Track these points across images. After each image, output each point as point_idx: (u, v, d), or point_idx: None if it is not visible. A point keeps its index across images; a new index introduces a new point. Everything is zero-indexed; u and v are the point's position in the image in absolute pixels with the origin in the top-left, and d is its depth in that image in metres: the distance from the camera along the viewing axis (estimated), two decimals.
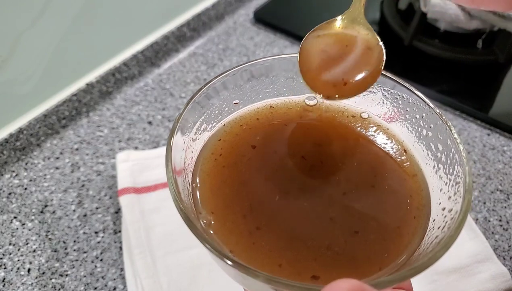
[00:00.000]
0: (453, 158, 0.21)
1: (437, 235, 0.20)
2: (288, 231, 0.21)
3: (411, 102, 0.24)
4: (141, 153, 0.45)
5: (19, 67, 0.45)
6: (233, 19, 0.65)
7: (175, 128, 0.21)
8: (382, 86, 0.25)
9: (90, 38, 0.51)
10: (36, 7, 0.44)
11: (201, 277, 0.37)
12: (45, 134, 0.49)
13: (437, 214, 0.21)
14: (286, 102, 0.27)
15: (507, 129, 0.49)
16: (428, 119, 0.24)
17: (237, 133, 0.25)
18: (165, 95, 0.54)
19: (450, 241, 0.18)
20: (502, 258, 0.39)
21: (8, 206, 0.43)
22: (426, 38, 0.57)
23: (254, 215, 0.21)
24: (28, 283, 0.38)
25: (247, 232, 0.21)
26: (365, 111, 0.26)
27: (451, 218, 0.19)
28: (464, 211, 0.19)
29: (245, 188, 0.23)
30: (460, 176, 0.20)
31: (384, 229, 0.21)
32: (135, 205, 0.41)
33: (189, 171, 0.23)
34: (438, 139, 0.23)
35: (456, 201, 0.20)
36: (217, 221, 0.21)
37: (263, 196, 0.22)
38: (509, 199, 0.43)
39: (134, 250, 0.38)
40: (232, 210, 0.22)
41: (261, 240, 0.20)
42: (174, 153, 0.21)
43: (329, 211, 0.22)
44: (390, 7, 0.62)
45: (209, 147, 0.24)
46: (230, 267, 0.17)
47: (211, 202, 0.22)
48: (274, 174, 0.23)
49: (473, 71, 0.56)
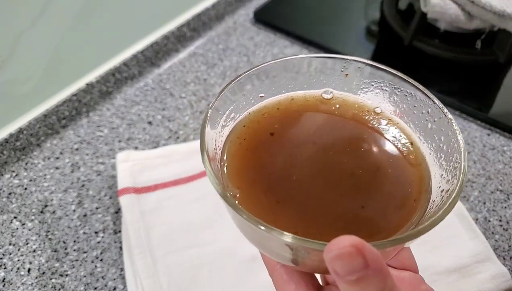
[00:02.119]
0: (453, 146, 0.24)
1: (435, 211, 0.22)
2: (303, 205, 0.24)
3: (418, 98, 0.27)
4: (141, 153, 0.45)
5: (19, 67, 0.45)
6: (233, 19, 0.65)
7: (207, 117, 0.24)
8: (393, 85, 0.28)
9: (90, 38, 0.51)
10: (36, 7, 0.44)
11: (201, 277, 0.37)
12: (45, 134, 0.49)
13: (437, 195, 0.24)
14: (306, 95, 0.30)
15: (507, 129, 0.49)
16: (432, 113, 0.26)
17: (259, 121, 0.28)
18: (165, 95, 0.54)
19: (444, 213, 0.20)
20: (502, 258, 0.39)
21: (8, 206, 0.43)
22: (426, 38, 0.57)
23: (273, 191, 0.24)
24: (28, 283, 0.38)
25: (268, 205, 0.23)
26: (378, 106, 0.29)
27: (447, 196, 0.22)
28: (458, 189, 0.22)
29: (265, 169, 0.26)
30: (458, 161, 0.23)
31: (387, 207, 0.24)
32: (135, 205, 0.41)
33: (218, 151, 0.26)
34: (441, 132, 0.25)
35: (453, 182, 0.23)
36: (242, 195, 0.24)
37: (281, 176, 0.25)
38: (509, 199, 0.43)
39: (134, 250, 0.38)
40: (255, 187, 0.24)
41: (280, 211, 0.23)
42: (207, 136, 0.24)
43: (339, 188, 0.25)
44: (390, 7, 0.62)
45: (235, 131, 0.27)
46: (259, 232, 0.20)
47: (236, 178, 0.25)
48: (290, 157, 0.26)
49: (473, 71, 0.56)
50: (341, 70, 0.29)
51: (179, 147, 0.46)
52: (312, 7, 0.65)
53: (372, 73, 0.28)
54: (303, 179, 0.25)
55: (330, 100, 0.29)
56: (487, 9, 0.50)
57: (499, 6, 0.50)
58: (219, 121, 0.26)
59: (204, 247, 0.39)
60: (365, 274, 0.16)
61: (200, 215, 0.41)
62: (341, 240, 0.16)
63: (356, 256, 0.16)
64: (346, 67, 0.29)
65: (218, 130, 0.26)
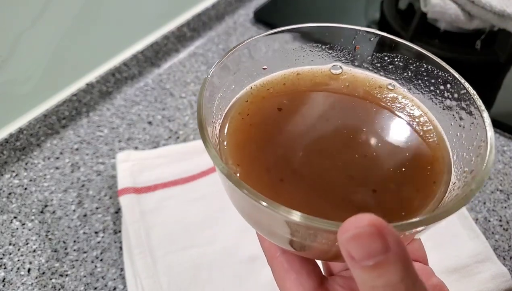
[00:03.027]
0: (476, 124, 0.22)
1: (457, 193, 0.20)
2: (309, 184, 0.22)
3: (436, 73, 0.25)
4: (141, 153, 0.45)
5: (19, 67, 0.45)
6: (233, 19, 0.65)
7: (205, 83, 0.23)
8: (408, 59, 0.26)
9: (90, 38, 0.51)
10: (36, 7, 0.43)
11: (201, 277, 0.37)
12: (45, 134, 0.49)
13: (458, 178, 0.22)
14: (313, 70, 0.28)
15: (507, 129, 0.49)
16: (452, 89, 0.24)
17: (263, 97, 0.26)
18: (165, 95, 0.54)
19: (471, 193, 0.18)
20: (502, 258, 0.39)
21: (8, 206, 0.43)
22: (426, 38, 0.57)
23: (277, 169, 0.22)
24: (28, 283, 0.38)
25: (270, 183, 0.22)
26: (391, 82, 0.27)
27: (472, 177, 0.20)
28: (486, 169, 0.19)
29: (270, 145, 0.24)
30: (483, 140, 0.21)
31: (402, 191, 0.22)
32: (135, 205, 0.41)
33: (217, 125, 0.24)
34: (461, 109, 0.23)
35: (477, 162, 0.20)
36: (242, 172, 0.22)
37: (287, 152, 0.23)
38: (509, 199, 0.43)
39: (134, 250, 0.38)
40: (257, 164, 0.23)
41: (284, 190, 0.21)
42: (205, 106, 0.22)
43: (349, 169, 0.23)
44: (390, 7, 0.62)
45: (236, 107, 0.25)
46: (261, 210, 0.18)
47: (237, 155, 0.23)
48: (298, 134, 0.24)
49: (473, 71, 0.56)
50: (352, 42, 0.27)
51: (179, 147, 0.46)
52: (312, 7, 0.65)
53: (384, 46, 0.26)
54: (311, 157, 0.23)
55: (339, 76, 0.27)
56: (487, 9, 0.50)
57: (499, 6, 0.50)
58: (218, 92, 0.24)
59: (204, 247, 0.39)
60: (385, 259, 0.14)
61: (200, 215, 0.41)
62: (359, 218, 0.14)
63: (376, 237, 0.14)
64: (357, 38, 0.26)
65: (216, 102, 0.24)
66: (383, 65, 0.27)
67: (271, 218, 0.19)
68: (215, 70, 0.24)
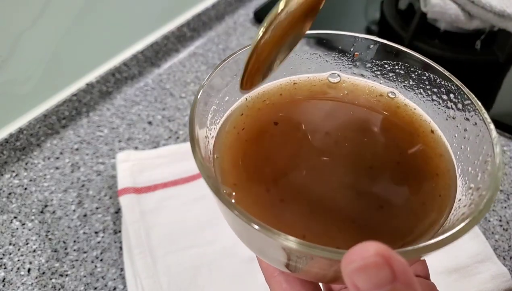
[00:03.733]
0: (482, 137, 0.21)
1: (464, 212, 0.19)
2: (312, 204, 0.21)
3: (438, 82, 0.24)
4: (141, 153, 0.45)
5: (19, 67, 0.45)
6: (233, 19, 0.65)
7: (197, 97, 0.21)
8: (410, 67, 0.25)
9: (90, 38, 0.51)
10: (36, 7, 0.43)
11: (201, 277, 0.37)
12: (45, 134, 0.49)
13: (463, 194, 0.21)
14: (310, 79, 0.26)
15: (507, 129, 0.49)
16: (455, 99, 0.23)
17: (259, 108, 0.25)
18: (165, 95, 0.54)
19: (480, 215, 0.17)
20: (502, 258, 0.39)
21: (8, 206, 0.43)
22: (426, 38, 0.57)
23: (278, 188, 0.21)
24: (28, 283, 0.38)
25: (270, 204, 0.20)
26: (392, 91, 0.26)
27: (479, 196, 0.19)
28: (494, 188, 0.18)
29: (269, 162, 0.22)
30: (490, 154, 0.20)
31: (408, 206, 0.21)
32: (135, 205, 0.41)
33: (210, 140, 0.23)
34: (465, 121, 0.22)
35: (484, 179, 0.19)
36: (239, 192, 0.21)
37: (287, 170, 0.22)
38: (509, 199, 0.43)
39: (134, 250, 0.38)
40: (255, 183, 0.21)
41: (285, 212, 0.20)
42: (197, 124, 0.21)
43: (353, 185, 0.22)
44: (390, 7, 0.62)
45: (231, 120, 0.24)
46: (254, 233, 0.16)
47: (233, 173, 0.22)
48: (298, 149, 0.23)
49: (473, 71, 0.56)
50: (350, 49, 0.26)
51: (179, 147, 0.46)
52: None
53: (385, 54, 0.25)
54: (313, 174, 0.22)
55: (338, 84, 0.26)
56: (487, 9, 0.50)
57: (499, 6, 0.50)
58: (211, 105, 0.23)
59: (204, 247, 0.39)
60: (392, 288, 0.13)
61: (200, 215, 0.41)
62: (364, 247, 0.13)
63: (383, 267, 0.13)
64: (356, 46, 0.26)
65: (210, 115, 0.23)
66: (383, 73, 0.26)
67: (267, 243, 0.18)
68: (208, 83, 0.22)
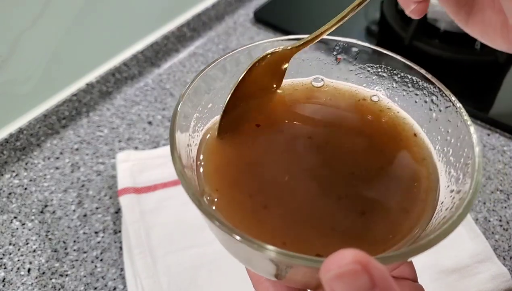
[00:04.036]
0: (463, 140, 0.21)
1: (445, 215, 0.19)
2: (293, 210, 0.21)
3: (421, 85, 0.24)
4: (141, 153, 0.45)
5: (19, 67, 0.45)
6: (233, 19, 0.65)
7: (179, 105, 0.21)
8: (392, 70, 0.25)
9: (90, 38, 0.51)
10: (36, 7, 0.43)
11: (201, 277, 0.37)
12: (45, 134, 0.49)
13: (445, 196, 0.21)
14: (293, 83, 0.26)
15: (507, 129, 0.49)
16: (438, 102, 0.23)
17: (243, 115, 0.25)
18: (165, 95, 0.54)
19: (458, 219, 0.18)
20: (502, 258, 0.39)
21: (8, 206, 0.43)
22: (426, 38, 0.57)
23: (260, 194, 0.21)
24: (28, 283, 0.38)
25: (252, 210, 0.21)
26: (376, 94, 0.26)
27: (460, 199, 0.19)
28: (473, 191, 0.18)
29: (251, 168, 0.23)
30: (470, 157, 0.20)
31: (390, 211, 0.21)
32: (135, 205, 0.41)
33: (193, 148, 0.23)
34: (448, 122, 0.23)
35: (465, 182, 0.20)
36: (221, 199, 0.21)
37: (269, 175, 0.22)
38: (509, 199, 0.43)
39: (134, 250, 0.38)
40: (238, 189, 0.21)
41: (266, 218, 0.20)
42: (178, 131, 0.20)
43: (335, 191, 0.22)
44: (390, 7, 0.62)
45: (214, 128, 0.24)
46: (236, 243, 0.17)
47: (215, 179, 0.22)
48: (280, 155, 0.23)
49: (473, 71, 0.56)
50: (333, 53, 0.26)
51: None
52: (312, 7, 0.65)
53: (367, 57, 0.25)
54: (296, 179, 0.22)
55: (321, 88, 0.26)
56: None
57: None
58: (193, 112, 0.23)
59: (204, 247, 0.39)
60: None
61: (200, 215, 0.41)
62: (341, 255, 0.13)
63: (361, 274, 0.13)
64: (338, 50, 0.26)
65: (193, 122, 0.23)
66: (367, 76, 0.26)
67: (248, 252, 0.18)
68: (190, 90, 0.22)
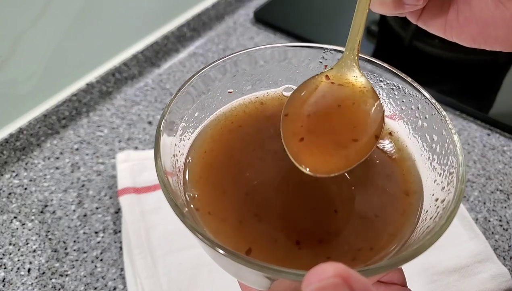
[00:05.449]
0: (448, 148, 0.21)
1: (429, 225, 0.20)
2: (282, 221, 0.22)
3: (407, 92, 0.24)
4: (141, 153, 0.45)
5: (19, 67, 0.45)
6: (233, 19, 0.65)
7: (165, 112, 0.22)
8: (378, 77, 0.25)
9: (90, 38, 0.51)
10: (36, 7, 0.44)
11: (201, 277, 0.37)
12: (45, 134, 0.49)
13: (430, 205, 0.21)
14: (277, 93, 0.27)
15: (507, 129, 0.49)
16: (423, 110, 0.23)
17: (229, 128, 0.25)
18: (165, 95, 0.54)
19: (441, 230, 0.18)
20: (502, 258, 0.39)
21: (8, 206, 0.43)
22: (426, 38, 0.57)
23: (249, 205, 0.22)
24: (28, 283, 0.38)
25: (241, 221, 0.21)
26: None
27: (443, 208, 0.19)
28: (456, 200, 0.19)
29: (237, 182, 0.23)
30: (454, 166, 0.20)
31: (374, 221, 0.21)
32: (135, 205, 0.41)
33: (179, 158, 0.23)
34: (433, 130, 0.23)
35: (449, 191, 0.20)
36: (203, 208, 0.22)
37: (257, 187, 0.23)
38: (509, 199, 0.43)
39: (134, 250, 0.38)
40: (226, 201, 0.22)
41: (254, 229, 0.21)
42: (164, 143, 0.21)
43: (319, 205, 0.22)
44: None
45: (200, 140, 0.25)
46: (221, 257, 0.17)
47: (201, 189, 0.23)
48: (265, 168, 0.24)
49: (473, 71, 0.56)
50: (320, 61, 0.26)
51: None
52: (312, 7, 0.65)
53: None
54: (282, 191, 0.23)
55: None
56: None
57: None
58: (179, 123, 0.24)
59: None
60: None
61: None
62: (322, 269, 0.14)
63: (342, 287, 0.13)
64: (325, 58, 0.26)
65: (179, 132, 0.23)
66: None
67: (233, 265, 0.18)
68: (177, 99, 0.23)
